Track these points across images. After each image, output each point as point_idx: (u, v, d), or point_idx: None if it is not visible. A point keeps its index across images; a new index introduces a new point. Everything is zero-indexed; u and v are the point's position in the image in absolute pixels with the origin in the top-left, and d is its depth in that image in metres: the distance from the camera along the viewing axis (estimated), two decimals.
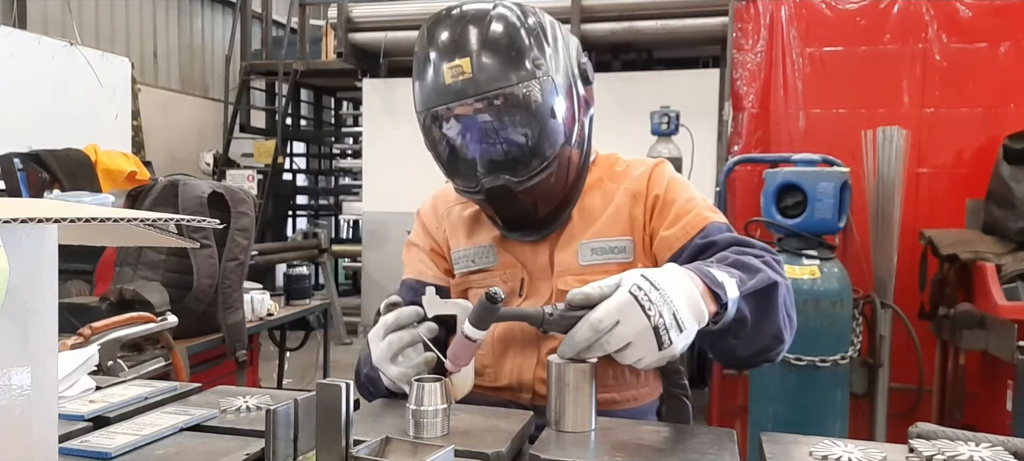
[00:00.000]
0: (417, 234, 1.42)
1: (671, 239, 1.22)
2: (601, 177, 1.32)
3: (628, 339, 0.92)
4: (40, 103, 5.24)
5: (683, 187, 1.29)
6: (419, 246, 1.40)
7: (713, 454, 0.89)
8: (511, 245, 1.30)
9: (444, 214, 1.37)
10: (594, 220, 1.27)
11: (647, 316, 0.91)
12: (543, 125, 1.15)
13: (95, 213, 0.64)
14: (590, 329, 0.92)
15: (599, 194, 1.30)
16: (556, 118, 1.16)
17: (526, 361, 1.24)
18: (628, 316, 0.91)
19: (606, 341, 0.92)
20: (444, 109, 1.14)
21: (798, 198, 3.00)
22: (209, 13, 8.85)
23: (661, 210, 1.26)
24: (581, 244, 1.25)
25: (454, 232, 1.35)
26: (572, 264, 1.25)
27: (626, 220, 1.27)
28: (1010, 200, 3.15)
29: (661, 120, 3.92)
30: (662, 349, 0.92)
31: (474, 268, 1.31)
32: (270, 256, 5.64)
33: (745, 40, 3.97)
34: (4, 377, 0.62)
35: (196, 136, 8.23)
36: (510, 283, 1.29)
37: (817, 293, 2.92)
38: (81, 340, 1.72)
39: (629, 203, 1.27)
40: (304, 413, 0.81)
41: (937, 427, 0.90)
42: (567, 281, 1.23)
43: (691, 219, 1.23)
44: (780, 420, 2.94)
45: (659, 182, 1.28)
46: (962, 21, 3.70)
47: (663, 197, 1.26)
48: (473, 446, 0.86)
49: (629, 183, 1.29)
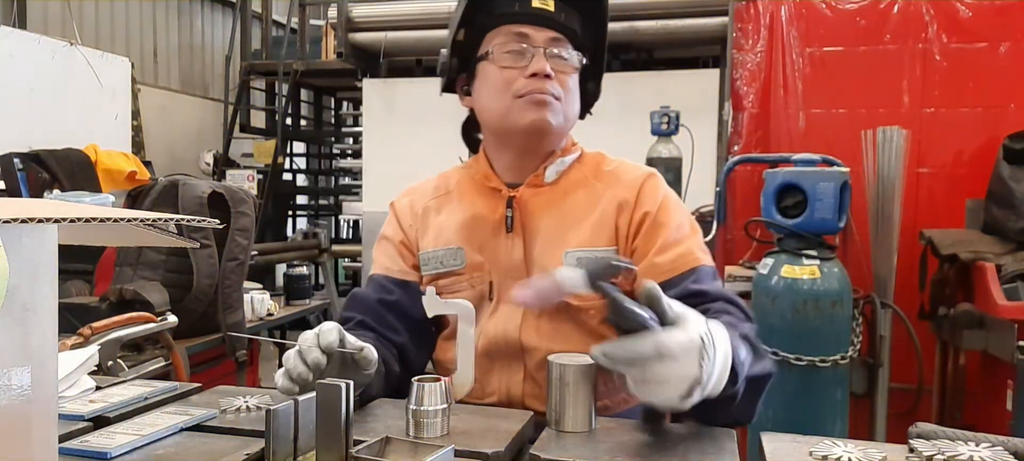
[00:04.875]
0: (389, 226, 1.40)
1: (660, 268, 1.19)
2: (586, 175, 1.31)
3: (668, 379, 0.85)
4: (40, 103, 5.24)
5: (676, 209, 1.27)
6: (389, 238, 1.39)
7: (713, 454, 0.89)
8: (480, 244, 1.28)
9: (420, 213, 1.37)
10: (578, 222, 1.25)
11: (700, 367, 0.85)
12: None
13: (95, 213, 0.64)
14: (654, 350, 0.84)
15: (584, 194, 1.28)
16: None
17: (513, 376, 1.23)
18: (686, 358, 0.85)
19: (652, 369, 0.85)
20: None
21: (798, 198, 3.00)
22: (209, 13, 8.85)
23: (650, 231, 1.23)
24: (567, 252, 1.22)
25: (425, 232, 1.35)
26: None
27: (612, 229, 1.24)
28: (1010, 200, 3.15)
29: (661, 120, 3.92)
30: (682, 401, 0.87)
31: (442, 270, 1.29)
32: (270, 256, 5.63)
33: (745, 40, 3.97)
34: (4, 377, 0.62)
35: (196, 136, 8.22)
36: (478, 287, 1.27)
37: (817, 293, 2.92)
38: (81, 340, 1.72)
39: (615, 211, 1.25)
40: (304, 413, 0.81)
41: (937, 427, 0.90)
42: None
43: (683, 253, 1.20)
44: (780, 420, 2.94)
45: (651, 198, 1.26)
46: (962, 21, 3.70)
47: (654, 217, 1.23)
48: (473, 446, 0.86)
49: (618, 190, 1.27)
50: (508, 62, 1.25)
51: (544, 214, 1.27)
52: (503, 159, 1.33)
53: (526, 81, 1.24)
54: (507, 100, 1.25)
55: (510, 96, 1.24)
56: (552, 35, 1.26)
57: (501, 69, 1.26)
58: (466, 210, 1.32)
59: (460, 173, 1.40)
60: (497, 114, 1.28)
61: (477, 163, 1.37)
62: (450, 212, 1.33)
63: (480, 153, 1.38)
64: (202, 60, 8.74)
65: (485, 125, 1.34)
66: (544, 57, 1.24)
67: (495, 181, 1.32)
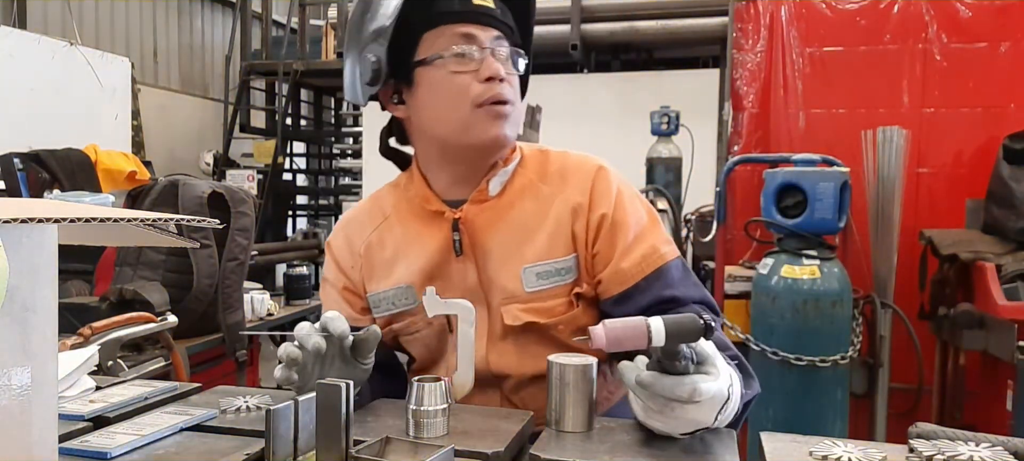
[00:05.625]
0: (330, 269, 1.29)
1: (627, 274, 1.14)
2: (531, 180, 1.21)
3: (684, 419, 0.87)
4: (40, 103, 5.24)
5: (631, 202, 1.19)
6: (332, 283, 1.28)
7: (713, 454, 0.89)
8: (430, 275, 1.19)
9: (361, 251, 1.25)
10: (531, 234, 1.17)
11: (715, 418, 0.87)
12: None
13: (95, 213, 0.64)
14: (689, 396, 0.83)
15: (532, 202, 1.19)
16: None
17: (490, 403, 1.19)
18: (708, 407, 0.86)
19: (676, 409, 0.85)
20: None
21: (798, 198, 3.00)
22: (209, 13, 8.85)
23: (610, 233, 1.16)
24: (525, 269, 1.15)
25: (371, 274, 1.24)
26: (517, 291, 1.16)
27: (568, 237, 1.16)
28: (1010, 200, 3.15)
29: (661, 120, 3.93)
30: (681, 435, 0.90)
31: (395, 311, 1.21)
32: (270, 256, 5.63)
33: (745, 40, 3.97)
34: (4, 377, 0.62)
35: (196, 136, 8.23)
36: (436, 323, 1.19)
37: (817, 293, 2.92)
38: (81, 340, 1.72)
39: (570, 217, 1.17)
40: (304, 413, 0.81)
41: (937, 427, 0.90)
42: (512, 310, 1.16)
43: (648, 253, 1.15)
44: (780, 420, 2.94)
45: (605, 197, 1.17)
46: (962, 21, 3.69)
47: (611, 217, 1.16)
48: (473, 446, 0.86)
49: (569, 192, 1.18)
50: (459, 66, 1.13)
51: (494, 231, 1.18)
52: (444, 176, 1.21)
53: (484, 87, 1.12)
54: (465, 111, 1.13)
55: (468, 106, 1.13)
56: (496, 34, 1.16)
57: (452, 74, 1.13)
58: (409, 241, 1.22)
59: (395, 195, 1.28)
60: (453, 127, 1.15)
61: (411, 183, 1.25)
62: (393, 246, 1.23)
63: (413, 170, 1.26)
64: (202, 60, 8.74)
65: (429, 138, 1.20)
66: (495, 59, 1.14)
67: (435, 203, 1.20)
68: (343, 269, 1.27)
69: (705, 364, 0.87)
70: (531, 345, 1.17)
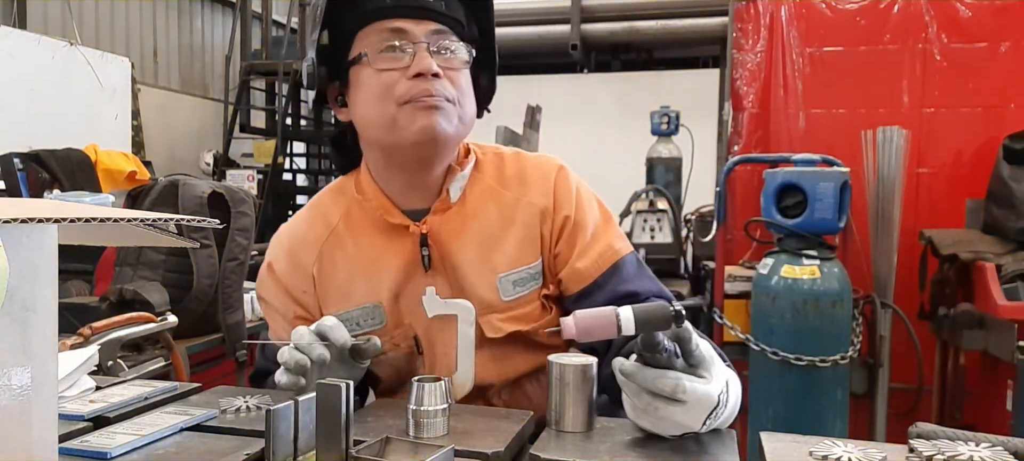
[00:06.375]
0: (276, 296, 1.20)
1: (583, 273, 1.14)
2: (490, 185, 1.18)
3: (669, 420, 0.84)
4: (40, 103, 5.24)
5: (589, 202, 1.19)
6: (281, 313, 1.20)
7: (713, 454, 0.89)
8: (396, 293, 1.14)
9: (312, 272, 1.18)
10: (498, 242, 1.14)
11: (703, 422, 0.85)
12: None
13: (95, 213, 0.64)
14: (671, 391, 0.81)
15: (495, 208, 1.16)
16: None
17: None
18: (696, 409, 0.84)
19: (660, 406, 0.83)
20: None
21: (798, 198, 3.00)
22: (209, 13, 8.85)
23: (572, 234, 1.16)
24: (500, 278, 1.13)
25: (326, 297, 1.17)
26: (494, 301, 1.14)
27: (536, 241, 1.15)
28: (1010, 200, 3.15)
29: (661, 120, 3.93)
30: (667, 437, 0.88)
31: (359, 332, 1.14)
32: None
33: (745, 40, 3.97)
34: (4, 377, 0.62)
35: (196, 136, 8.23)
36: (403, 345, 1.16)
37: (817, 293, 2.92)
38: (81, 340, 1.72)
39: (538, 221, 1.15)
40: (304, 413, 0.81)
41: (937, 427, 0.90)
42: (492, 321, 1.14)
43: (603, 251, 1.15)
44: (780, 420, 2.94)
45: (567, 198, 1.16)
46: (962, 21, 3.70)
47: (574, 218, 1.16)
48: (473, 446, 0.86)
49: (533, 196, 1.16)
50: (386, 63, 1.08)
51: (460, 241, 1.14)
52: (395, 182, 1.16)
53: (410, 83, 1.06)
54: (389, 108, 1.07)
55: (392, 103, 1.07)
56: (434, 27, 1.09)
57: (379, 72, 1.08)
58: (370, 257, 1.16)
59: (342, 202, 1.21)
60: (380, 126, 1.09)
61: (365, 191, 1.19)
62: (349, 262, 1.17)
63: (365, 177, 1.20)
64: (202, 60, 8.74)
65: (368, 141, 1.15)
66: (427, 53, 1.07)
67: (396, 215, 1.15)
68: (293, 295, 1.20)
69: (700, 367, 0.86)
70: (510, 351, 1.16)
